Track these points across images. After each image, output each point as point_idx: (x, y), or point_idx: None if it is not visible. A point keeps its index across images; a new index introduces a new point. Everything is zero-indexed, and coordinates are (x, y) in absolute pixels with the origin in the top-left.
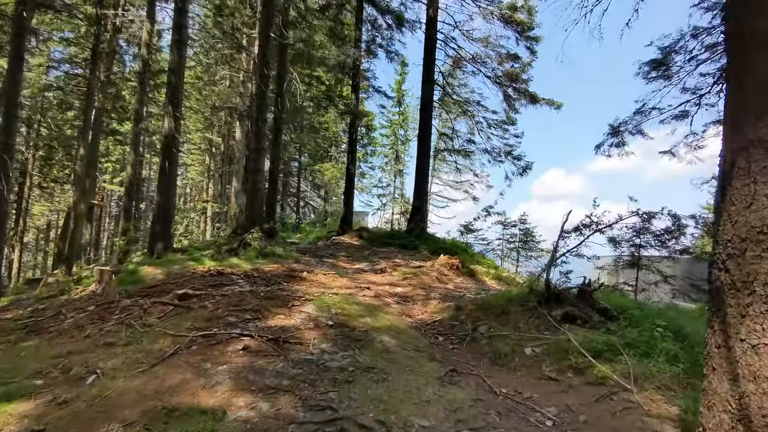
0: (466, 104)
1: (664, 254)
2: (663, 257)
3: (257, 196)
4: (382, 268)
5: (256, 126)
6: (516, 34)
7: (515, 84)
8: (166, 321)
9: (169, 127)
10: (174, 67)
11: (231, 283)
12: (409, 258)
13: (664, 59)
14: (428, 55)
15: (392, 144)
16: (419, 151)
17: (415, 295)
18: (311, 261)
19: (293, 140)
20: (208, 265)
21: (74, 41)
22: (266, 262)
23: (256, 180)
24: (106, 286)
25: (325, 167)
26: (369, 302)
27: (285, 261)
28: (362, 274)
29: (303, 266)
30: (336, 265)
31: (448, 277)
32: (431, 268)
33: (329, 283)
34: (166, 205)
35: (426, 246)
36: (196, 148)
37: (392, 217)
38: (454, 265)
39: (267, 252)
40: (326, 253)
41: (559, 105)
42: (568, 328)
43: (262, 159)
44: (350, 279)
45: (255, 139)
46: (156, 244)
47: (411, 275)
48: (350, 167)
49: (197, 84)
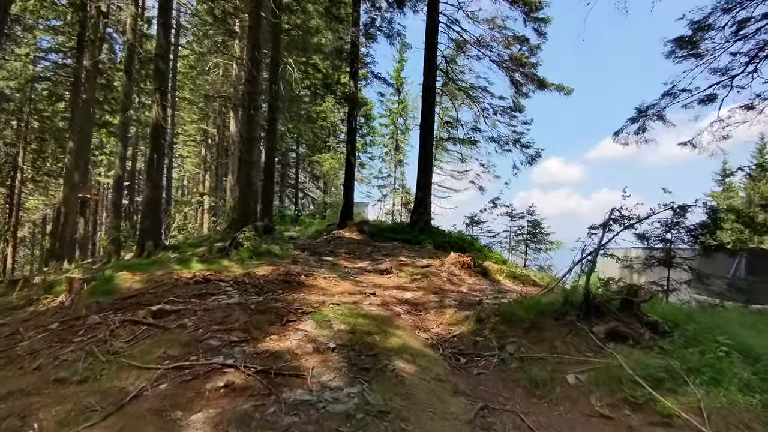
0: (471, 90)
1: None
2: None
3: (251, 189)
4: (388, 268)
5: (247, 114)
6: (523, 15)
7: (523, 68)
8: (135, 346)
9: (157, 116)
10: (161, 52)
11: (218, 293)
12: (414, 254)
13: (693, 36)
14: (430, 38)
15: (392, 133)
16: (422, 140)
17: (426, 301)
18: (310, 260)
19: (290, 130)
20: (195, 269)
21: (61, 30)
22: (261, 263)
23: (250, 172)
24: (76, 298)
25: (323, 158)
26: (376, 313)
27: (282, 261)
28: (366, 276)
29: (301, 267)
30: (337, 264)
31: (460, 277)
32: (441, 268)
33: (330, 288)
34: (155, 200)
35: (431, 240)
36: (191, 140)
37: (393, 209)
38: (465, 263)
39: (262, 251)
40: (326, 249)
41: (570, 90)
42: (615, 348)
43: (255, 150)
44: (353, 282)
45: (247, 129)
46: (146, 242)
47: (420, 276)
48: (350, 157)
49: (191, 73)
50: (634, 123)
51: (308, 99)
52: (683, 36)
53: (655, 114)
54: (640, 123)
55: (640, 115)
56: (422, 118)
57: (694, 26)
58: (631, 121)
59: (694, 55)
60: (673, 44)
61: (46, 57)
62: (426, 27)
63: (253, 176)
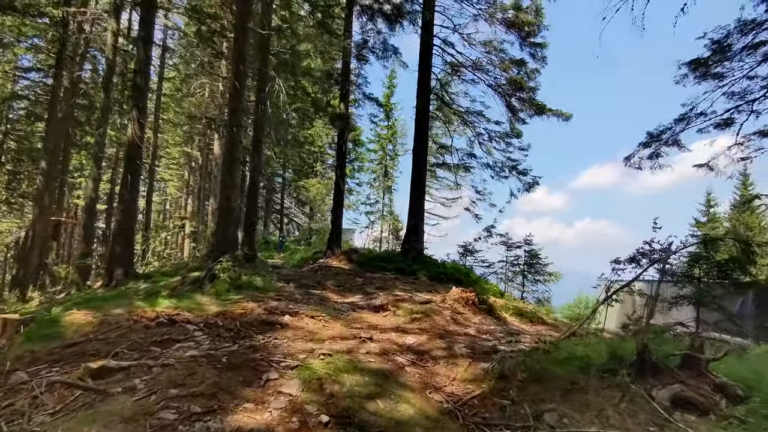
0: (466, 114)
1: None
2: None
3: (231, 214)
4: (383, 304)
5: (229, 132)
6: (519, 39)
7: (521, 93)
8: (60, 421)
9: (133, 134)
10: (140, 67)
11: (184, 339)
12: (409, 287)
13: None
14: (424, 60)
15: (380, 159)
16: (415, 165)
17: (432, 348)
18: (295, 293)
19: (277, 155)
20: (161, 306)
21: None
22: (240, 298)
23: (230, 196)
24: (8, 344)
25: (310, 183)
26: (376, 366)
27: (265, 293)
28: (359, 313)
29: (285, 303)
30: (325, 298)
31: (465, 316)
32: (443, 305)
33: (319, 331)
34: (127, 224)
35: (425, 271)
36: (174, 163)
37: (381, 236)
38: (469, 300)
39: (242, 283)
40: (313, 281)
41: (568, 116)
42: (683, 419)
43: (237, 171)
44: (345, 323)
45: (229, 148)
46: (115, 270)
47: (420, 315)
48: (339, 182)
49: (176, 96)
50: (646, 148)
51: (296, 122)
52: (699, 58)
53: (670, 139)
54: (653, 148)
55: (652, 139)
56: (415, 142)
57: (714, 46)
58: (642, 146)
59: (712, 76)
60: (687, 67)
61: (26, 75)
62: (420, 49)
63: (234, 200)
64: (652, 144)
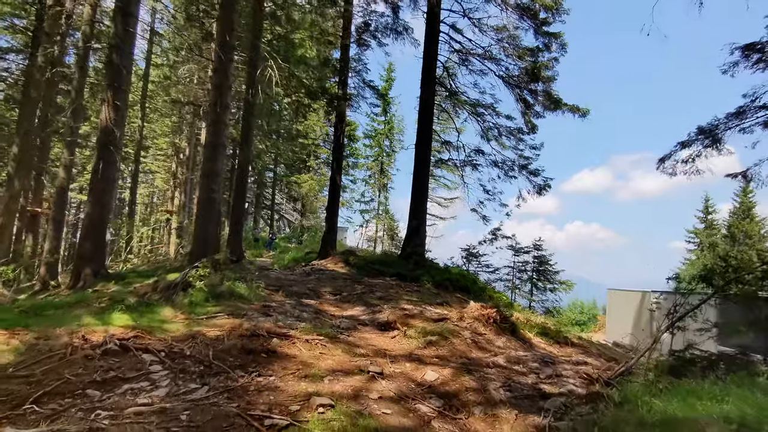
0: (474, 107)
1: None
2: None
3: (213, 208)
4: (390, 321)
5: (214, 113)
6: (533, 26)
7: (534, 84)
8: None
9: (107, 117)
10: (116, 43)
11: (136, 376)
12: (416, 298)
13: None
14: (429, 47)
15: (376, 155)
16: (417, 162)
17: (461, 389)
18: (285, 304)
19: (269, 148)
20: (116, 324)
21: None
22: (218, 311)
23: (213, 187)
24: None
25: (302, 179)
26: (394, 423)
27: (248, 304)
28: (362, 333)
29: (273, 320)
30: (321, 312)
31: (486, 337)
32: (460, 324)
33: (315, 362)
34: (98, 218)
35: (428, 277)
36: (162, 154)
37: (376, 235)
38: (490, 318)
39: (223, 292)
40: (305, 287)
41: (586, 112)
42: None
43: (221, 158)
44: (347, 349)
45: (212, 131)
46: (83, 269)
47: (436, 337)
48: (335, 177)
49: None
50: (685, 148)
51: (288, 116)
52: (756, 42)
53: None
54: (693, 149)
55: (703, 135)
56: (418, 136)
57: None
58: (681, 146)
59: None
60: (739, 52)
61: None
62: (425, 34)
63: (217, 191)
64: (693, 143)
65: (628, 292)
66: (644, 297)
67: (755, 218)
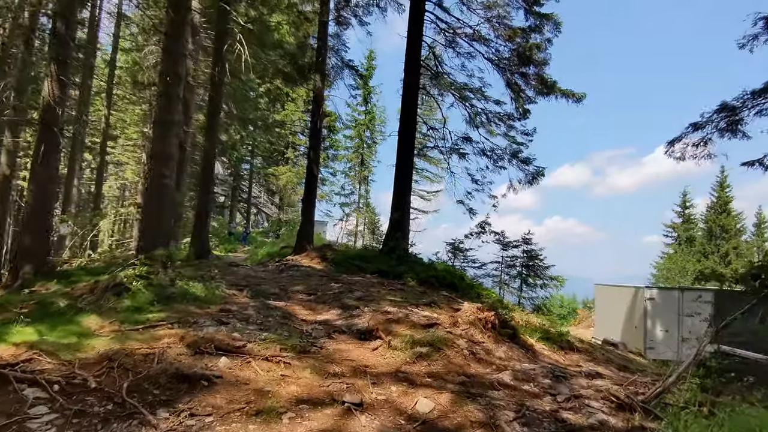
0: (462, 90)
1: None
2: None
3: (164, 196)
4: (371, 329)
5: (164, 84)
6: (524, 7)
7: (525, 68)
8: None
9: (51, 94)
10: (61, 10)
11: (6, 424)
12: (399, 297)
13: None
14: (414, 26)
15: (357, 147)
16: (401, 149)
17: (465, 424)
18: (248, 308)
19: (244, 138)
20: (10, 342)
21: None
22: (161, 319)
23: (163, 171)
24: None
25: (280, 170)
26: None
27: (204, 308)
28: (338, 344)
29: (229, 327)
30: (289, 315)
31: (485, 346)
32: (454, 330)
33: (274, 390)
34: (40, 210)
35: (412, 274)
36: (131, 144)
37: (356, 229)
38: (488, 322)
39: (173, 294)
40: (276, 286)
41: (581, 97)
42: None
43: (173, 138)
44: (317, 367)
45: (162, 107)
46: (23, 266)
47: (426, 348)
48: (312, 166)
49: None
50: (698, 130)
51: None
52: None
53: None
54: (707, 130)
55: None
56: (401, 122)
57: None
58: (693, 128)
59: None
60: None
61: None
62: (409, 13)
63: (168, 176)
64: (707, 125)
65: (620, 287)
66: (637, 293)
67: (732, 212)
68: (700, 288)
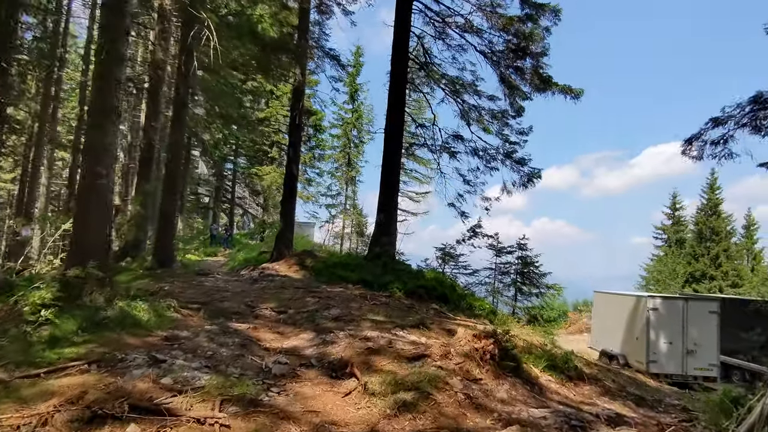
0: (453, 84)
1: None
2: None
3: (97, 198)
4: (345, 362)
5: (100, 64)
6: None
7: (520, 61)
8: None
9: None
10: None
11: None
12: (383, 315)
13: None
14: (402, 13)
15: (343, 146)
16: (387, 145)
17: None
18: (200, 335)
19: (227, 137)
20: None
21: None
22: (79, 354)
23: (97, 169)
24: None
25: (264, 170)
26: None
27: (143, 337)
28: (301, 387)
29: (164, 367)
30: (250, 342)
31: (484, 386)
32: (445, 363)
33: None
34: None
35: (399, 284)
36: None
37: (343, 232)
38: (486, 352)
39: (106, 318)
40: (243, 302)
41: (579, 93)
42: None
43: (110, 128)
44: (269, 423)
45: (98, 91)
46: None
47: (412, 393)
48: (291, 166)
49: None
50: (718, 126)
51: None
52: None
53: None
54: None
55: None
56: (388, 118)
57: None
58: (713, 123)
59: None
60: None
61: None
62: (396, 2)
63: (103, 175)
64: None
65: (621, 295)
66: (639, 302)
67: (722, 215)
68: (705, 296)
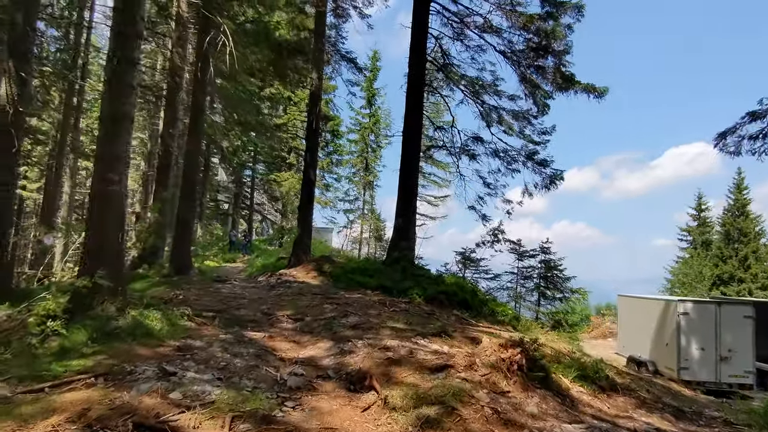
0: (472, 85)
1: None
2: None
3: (110, 206)
4: (363, 374)
5: (111, 70)
6: None
7: (542, 60)
8: None
9: (7, 93)
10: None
11: None
12: (403, 322)
13: None
14: (419, 15)
15: (361, 151)
16: (405, 148)
17: None
18: (214, 345)
19: (245, 144)
20: None
21: None
22: (87, 367)
23: (110, 175)
24: None
25: (282, 176)
26: None
27: (154, 348)
28: (318, 401)
29: (174, 380)
30: (266, 352)
31: (512, 399)
32: (470, 375)
33: None
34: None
35: (419, 289)
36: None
37: (361, 237)
38: (513, 362)
39: (117, 328)
40: (259, 309)
41: (603, 92)
42: None
43: (123, 136)
44: None
45: (110, 98)
46: None
47: (436, 408)
48: (309, 171)
49: None
50: (756, 120)
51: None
52: None
53: None
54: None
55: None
56: (406, 121)
57: None
58: (750, 117)
59: None
60: None
61: None
62: (414, 3)
63: (116, 182)
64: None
65: (648, 299)
66: (668, 306)
67: (750, 215)
68: (738, 300)
